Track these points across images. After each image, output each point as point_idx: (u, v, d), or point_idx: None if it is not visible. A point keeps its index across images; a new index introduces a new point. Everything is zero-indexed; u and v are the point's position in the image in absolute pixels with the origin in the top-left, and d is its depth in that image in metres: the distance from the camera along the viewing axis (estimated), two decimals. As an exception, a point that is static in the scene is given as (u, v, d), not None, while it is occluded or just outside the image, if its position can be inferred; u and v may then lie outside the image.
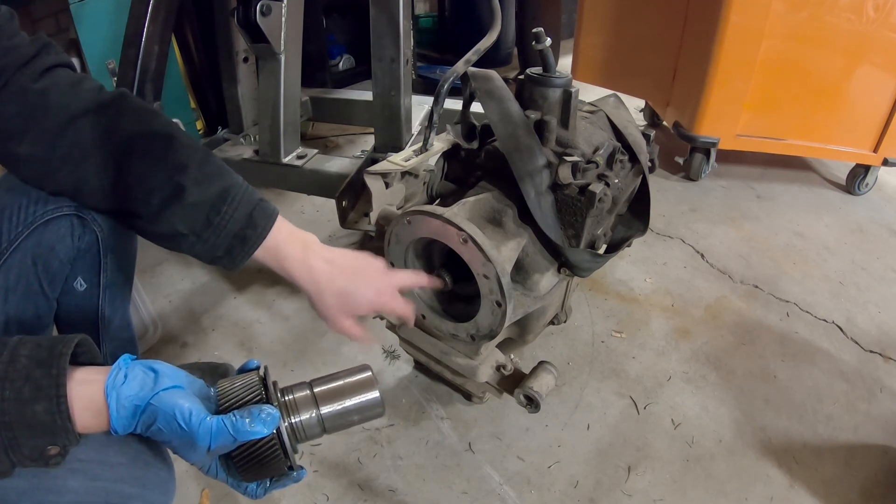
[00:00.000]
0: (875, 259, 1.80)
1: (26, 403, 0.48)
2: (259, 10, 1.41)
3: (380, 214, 1.16)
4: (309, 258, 0.76)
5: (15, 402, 0.48)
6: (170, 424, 0.53)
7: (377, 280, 0.79)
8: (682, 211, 2.01)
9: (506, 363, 1.11)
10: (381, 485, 1.14)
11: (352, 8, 2.95)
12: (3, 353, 0.49)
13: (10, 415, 0.48)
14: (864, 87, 1.87)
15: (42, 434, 0.50)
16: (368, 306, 0.78)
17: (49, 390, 0.49)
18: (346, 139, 2.55)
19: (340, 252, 0.79)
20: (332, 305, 0.76)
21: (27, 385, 0.48)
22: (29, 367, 0.49)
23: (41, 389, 0.48)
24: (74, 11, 1.69)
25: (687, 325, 1.52)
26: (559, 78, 1.00)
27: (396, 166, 1.16)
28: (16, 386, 0.48)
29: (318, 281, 0.75)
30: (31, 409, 0.48)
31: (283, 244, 0.76)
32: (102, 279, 0.85)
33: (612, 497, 1.12)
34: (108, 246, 0.83)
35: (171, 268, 1.73)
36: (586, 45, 2.32)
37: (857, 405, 1.32)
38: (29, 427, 0.49)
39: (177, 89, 2.04)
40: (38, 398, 0.48)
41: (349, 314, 0.77)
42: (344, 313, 0.77)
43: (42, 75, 0.69)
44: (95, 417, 0.52)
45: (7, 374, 0.48)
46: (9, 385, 0.48)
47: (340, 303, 0.76)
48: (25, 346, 0.51)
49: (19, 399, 0.48)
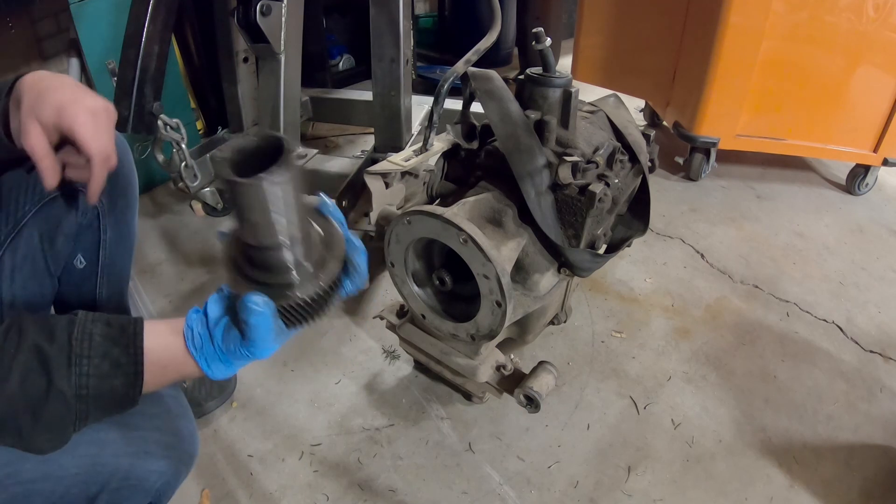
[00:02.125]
0: (875, 259, 1.80)
1: (105, 379, 0.52)
2: (259, 10, 1.41)
3: (380, 214, 1.16)
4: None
5: (95, 377, 0.51)
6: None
7: (85, 92, 0.64)
8: (682, 211, 2.01)
9: (506, 363, 1.11)
10: (381, 485, 1.14)
11: (352, 8, 2.95)
12: (75, 332, 0.52)
13: (88, 389, 0.51)
14: (864, 87, 1.87)
15: (112, 406, 0.54)
16: (55, 107, 0.61)
17: (128, 367, 0.53)
18: (346, 139, 2.55)
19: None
20: (25, 105, 0.61)
21: (106, 362, 0.52)
22: (104, 345, 0.52)
23: (120, 366, 0.53)
24: (74, 11, 1.69)
25: (687, 325, 1.52)
26: (559, 78, 1.00)
27: (396, 166, 1.16)
28: (94, 362, 0.51)
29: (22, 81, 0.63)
30: (109, 384, 0.52)
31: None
32: (101, 257, 0.86)
33: (612, 497, 1.12)
34: (108, 223, 0.83)
35: (172, 268, 1.73)
36: (586, 45, 2.32)
37: (857, 405, 1.32)
38: (102, 399, 0.53)
39: (177, 89, 2.04)
40: (117, 374, 0.53)
41: (37, 116, 0.61)
42: (33, 114, 0.61)
43: None
44: (177, 354, 0.56)
45: (83, 351, 0.51)
46: (86, 361, 0.51)
47: (31, 102, 0.61)
48: (95, 324, 0.54)
49: (99, 375, 0.52)
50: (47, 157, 0.62)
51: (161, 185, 2.14)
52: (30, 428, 0.51)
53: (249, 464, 1.17)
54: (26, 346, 0.51)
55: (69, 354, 0.51)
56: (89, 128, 0.62)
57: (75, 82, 0.65)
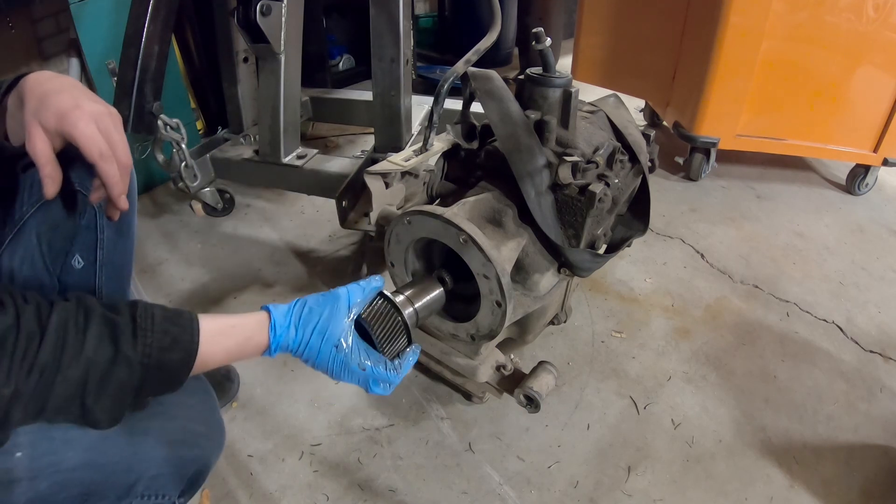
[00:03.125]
0: (875, 259, 1.80)
1: (165, 351, 0.57)
2: (259, 10, 1.41)
3: (380, 214, 1.16)
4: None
5: (157, 349, 0.57)
6: (318, 299, 0.70)
7: (87, 97, 0.66)
8: (682, 211, 2.01)
9: (506, 363, 1.11)
10: (381, 485, 1.14)
11: (352, 8, 2.95)
12: (139, 310, 0.58)
13: (150, 358, 0.56)
14: (864, 87, 1.87)
15: (164, 381, 0.59)
16: (56, 113, 0.63)
17: (185, 345, 0.59)
18: (346, 139, 2.55)
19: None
20: (28, 108, 0.63)
21: (167, 337, 0.58)
22: (164, 323, 0.58)
23: (179, 343, 0.59)
24: (74, 11, 1.69)
25: (687, 325, 1.52)
26: (559, 78, 1.00)
27: (396, 166, 1.16)
28: (157, 336, 0.57)
29: (25, 82, 0.65)
30: (168, 357, 0.58)
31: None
32: (99, 256, 0.86)
33: (612, 497, 1.12)
34: (105, 223, 0.84)
35: (172, 268, 1.74)
36: (586, 45, 2.32)
37: (857, 405, 1.32)
38: (161, 371, 0.58)
39: (177, 89, 2.04)
40: (175, 349, 0.58)
41: (40, 121, 0.63)
42: (36, 118, 0.63)
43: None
44: (249, 333, 0.66)
45: (147, 325, 0.57)
46: (150, 335, 0.57)
47: (34, 106, 0.63)
48: (155, 308, 0.59)
49: (160, 347, 0.57)
50: (49, 164, 0.63)
51: (161, 185, 2.14)
52: (95, 395, 0.54)
53: (249, 464, 1.17)
54: (96, 316, 0.55)
55: (134, 328, 0.56)
56: (90, 132, 0.63)
57: (77, 84, 0.66)
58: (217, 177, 1.84)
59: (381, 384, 0.73)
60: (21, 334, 0.51)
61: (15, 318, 0.51)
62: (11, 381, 0.50)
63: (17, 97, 0.65)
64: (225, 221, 1.96)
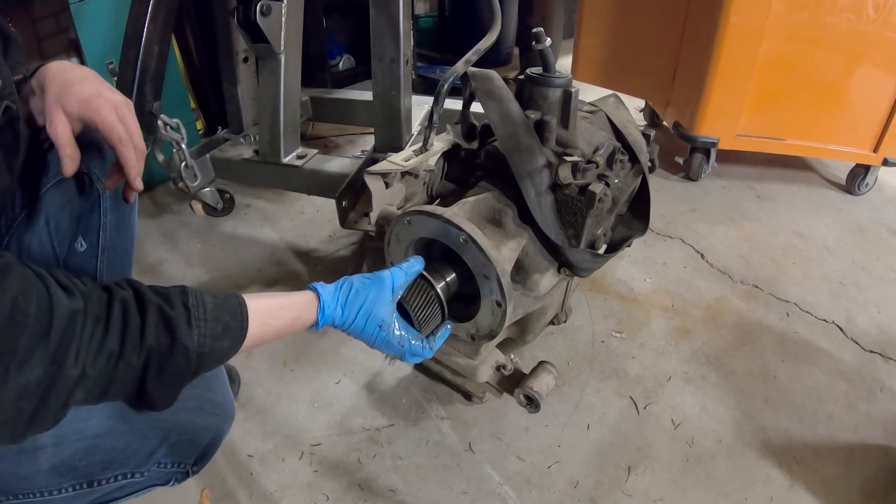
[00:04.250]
0: (875, 259, 1.80)
1: (218, 339, 0.60)
2: (259, 10, 1.41)
3: (380, 214, 1.16)
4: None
5: (210, 337, 0.59)
6: (364, 281, 0.75)
7: (106, 87, 0.72)
8: (682, 211, 2.01)
9: (506, 363, 1.11)
10: (381, 485, 1.14)
11: (352, 8, 2.95)
12: (190, 299, 0.59)
13: (205, 347, 0.59)
14: (864, 87, 1.87)
15: (214, 365, 0.61)
16: (80, 99, 0.69)
17: (235, 332, 0.62)
18: (346, 139, 2.55)
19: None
20: (50, 94, 0.69)
21: (219, 325, 0.60)
22: (216, 311, 0.60)
23: (229, 330, 0.61)
24: (74, 11, 1.70)
25: (687, 325, 1.52)
26: (559, 78, 1.00)
27: (396, 166, 1.16)
28: (210, 325, 0.59)
29: (47, 69, 0.71)
30: (220, 344, 0.60)
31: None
32: (102, 240, 0.87)
33: (612, 497, 1.12)
34: (108, 206, 0.85)
35: (172, 268, 1.74)
36: (586, 45, 2.32)
37: (857, 405, 1.32)
38: (213, 357, 0.60)
39: (177, 89, 2.04)
40: (227, 336, 0.61)
41: (62, 106, 0.69)
42: (58, 104, 0.69)
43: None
44: (297, 313, 0.69)
45: (200, 314, 0.59)
46: (203, 324, 0.59)
47: (57, 92, 0.69)
48: (205, 295, 0.62)
49: (213, 335, 0.59)
50: (69, 145, 0.69)
51: (161, 185, 2.14)
52: (155, 380, 0.56)
53: (249, 464, 1.17)
54: (152, 305, 0.57)
55: (188, 317, 0.58)
56: (111, 119, 0.70)
57: (96, 75, 0.73)
58: (217, 177, 1.84)
59: (416, 357, 0.81)
60: (88, 318, 0.52)
61: (83, 302, 0.52)
62: (79, 363, 0.51)
63: (37, 84, 0.70)
64: (225, 221, 1.96)
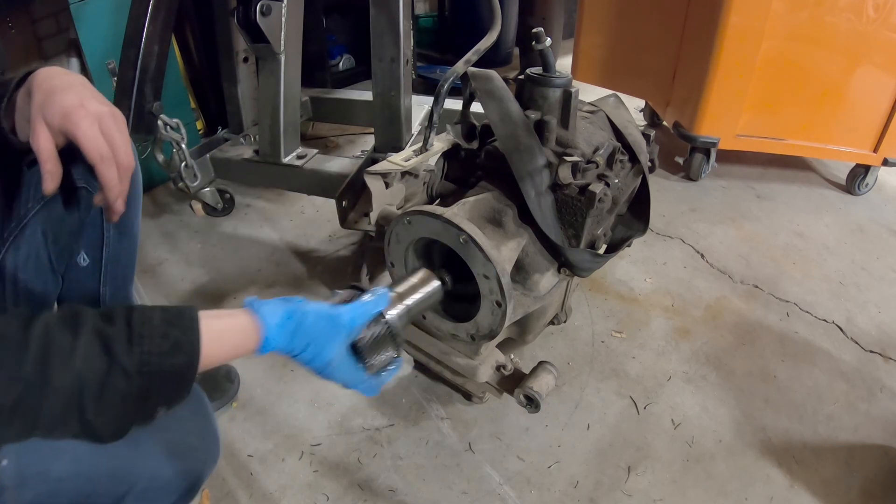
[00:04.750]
0: (875, 259, 1.80)
1: (165, 357, 0.53)
2: (259, 10, 1.41)
3: (380, 214, 1.16)
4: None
5: (156, 355, 0.53)
6: (317, 316, 0.65)
7: (91, 96, 0.66)
8: (682, 211, 2.01)
9: (506, 363, 1.11)
10: (381, 485, 1.14)
11: (352, 8, 2.95)
12: (135, 316, 0.54)
13: (150, 365, 0.53)
14: (864, 87, 1.87)
15: (172, 387, 0.56)
16: (60, 111, 0.63)
17: (187, 347, 0.55)
18: (346, 139, 2.55)
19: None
20: (35, 103, 0.64)
21: (166, 342, 0.54)
22: (164, 327, 0.54)
23: (180, 346, 0.55)
24: (74, 11, 1.69)
25: (687, 325, 1.52)
26: (559, 78, 1.00)
27: (396, 166, 1.16)
28: (156, 342, 0.53)
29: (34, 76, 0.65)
30: (169, 362, 0.54)
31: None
32: (104, 254, 0.86)
33: (612, 497, 1.12)
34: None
35: (172, 268, 1.74)
36: (586, 45, 2.32)
37: (857, 405, 1.32)
38: (164, 377, 0.54)
39: (177, 89, 2.04)
40: (177, 353, 0.54)
41: (44, 117, 0.63)
42: (41, 114, 0.63)
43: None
44: (241, 341, 0.61)
45: (144, 331, 0.53)
46: (148, 341, 0.53)
47: (40, 101, 0.63)
48: (153, 310, 0.56)
49: (160, 353, 0.53)
50: (50, 160, 0.63)
51: (161, 185, 2.14)
52: (94, 408, 0.51)
53: (249, 464, 1.17)
54: (86, 329, 0.52)
55: (129, 335, 0.53)
56: (91, 134, 0.63)
57: (85, 82, 0.66)
58: (217, 177, 1.84)
59: (363, 390, 0.74)
60: (2, 343, 0.48)
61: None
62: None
63: (27, 92, 0.64)
64: (225, 221, 1.96)
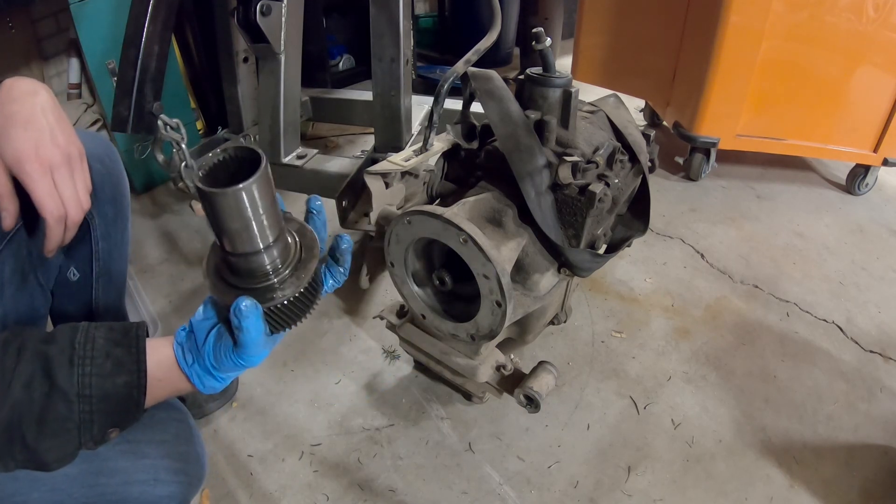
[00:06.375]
0: (875, 259, 1.80)
1: (107, 377, 0.51)
2: (259, 10, 1.41)
3: (380, 214, 1.16)
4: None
5: (98, 376, 0.51)
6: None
7: (48, 139, 0.63)
8: (682, 211, 2.01)
9: (506, 363, 1.11)
10: (381, 485, 1.14)
11: (352, 8, 2.95)
12: (78, 336, 0.53)
13: (91, 388, 0.51)
14: (864, 87, 1.87)
15: (117, 410, 0.53)
16: (14, 156, 0.61)
17: (130, 366, 0.53)
18: (346, 139, 2.55)
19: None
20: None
21: (108, 361, 0.52)
22: (107, 346, 0.53)
23: (123, 365, 0.52)
24: (74, 11, 1.69)
25: (687, 325, 1.52)
26: (559, 78, 1.00)
27: (396, 166, 1.16)
28: (97, 362, 0.51)
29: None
30: (111, 382, 0.52)
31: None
32: (95, 268, 0.86)
33: (612, 497, 1.12)
34: (100, 234, 0.83)
35: (172, 268, 1.73)
36: (586, 45, 2.32)
37: (857, 405, 1.32)
38: (107, 400, 0.52)
39: (177, 89, 2.04)
40: (120, 373, 0.52)
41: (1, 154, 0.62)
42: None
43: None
44: (170, 369, 0.55)
45: (86, 352, 0.52)
46: (89, 362, 0.51)
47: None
48: (98, 329, 0.54)
49: (101, 374, 0.51)
50: (5, 197, 0.62)
51: (161, 185, 2.14)
52: (35, 434, 0.50)
53: (249, 464, 1.17)
54: (28, 353, 0.50)
55: (71, 356, 0.51)
56: (43, 191, 0.61)
57: (45, 108, 0.63)
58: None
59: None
60: None
61: None
62: None
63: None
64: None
